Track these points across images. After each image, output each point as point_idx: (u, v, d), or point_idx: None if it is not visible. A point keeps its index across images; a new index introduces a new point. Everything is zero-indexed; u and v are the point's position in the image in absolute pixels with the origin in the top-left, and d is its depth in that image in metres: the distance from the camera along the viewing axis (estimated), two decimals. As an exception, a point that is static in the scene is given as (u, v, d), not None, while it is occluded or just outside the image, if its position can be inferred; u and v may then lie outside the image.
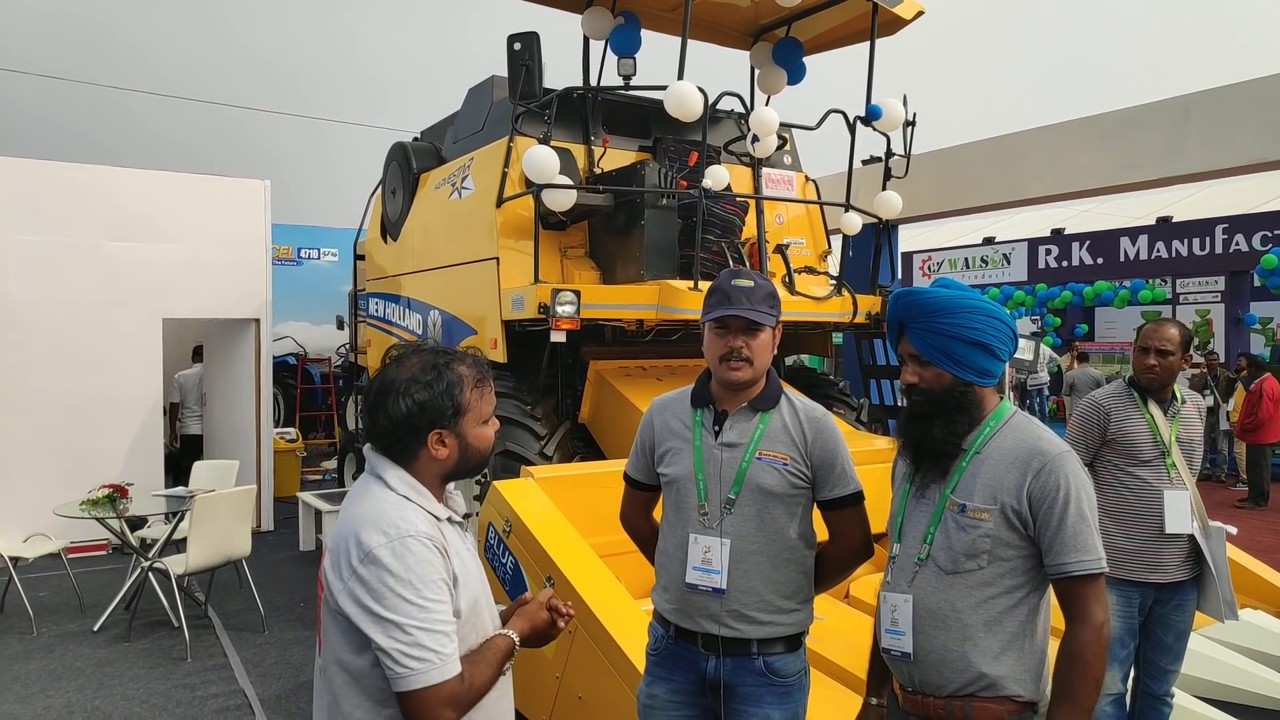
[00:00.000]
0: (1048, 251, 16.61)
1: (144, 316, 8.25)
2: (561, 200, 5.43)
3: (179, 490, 6.65)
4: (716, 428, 2.26)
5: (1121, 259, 15.17)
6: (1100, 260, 15.54)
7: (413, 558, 1.61)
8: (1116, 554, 3.36)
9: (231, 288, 8.74)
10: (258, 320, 8.87)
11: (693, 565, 2.19)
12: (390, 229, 7.77)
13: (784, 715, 2.19)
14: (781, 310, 2.28)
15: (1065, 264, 16.18)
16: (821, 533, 2.33)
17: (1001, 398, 2.04)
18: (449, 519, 1.78)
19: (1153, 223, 14.99)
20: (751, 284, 2.21)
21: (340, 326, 11.48)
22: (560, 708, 3.55)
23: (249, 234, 8.86)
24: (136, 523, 6.47)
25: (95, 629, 5.75)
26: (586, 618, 3.39)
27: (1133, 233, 15.10)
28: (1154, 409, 3.41)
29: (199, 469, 7.25)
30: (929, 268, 18.98)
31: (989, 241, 18.24)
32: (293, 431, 11.09)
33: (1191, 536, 3.33)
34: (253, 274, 8.86)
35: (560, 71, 6.23)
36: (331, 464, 11.33)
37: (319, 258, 14.10)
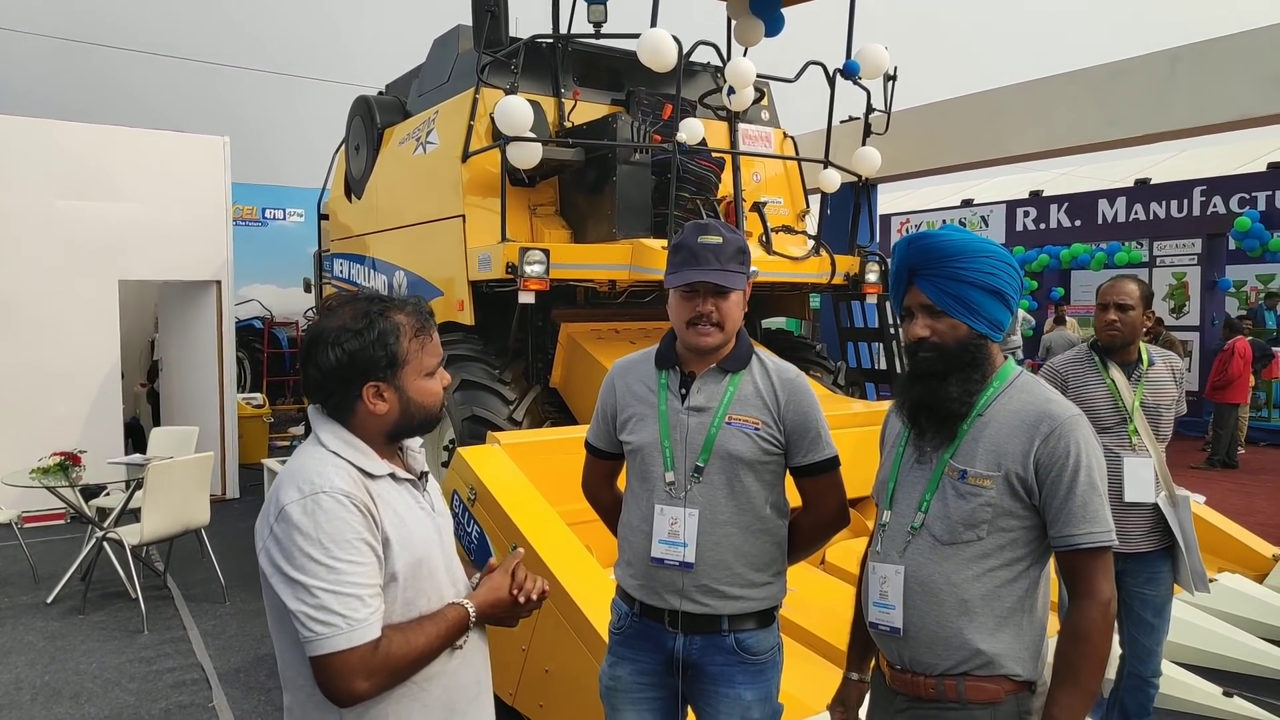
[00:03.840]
0: (1026, 214, 16.47)
1: (99, 279, 7.96)
2: (526, 156, 5.20)
3: (136, 458, 6.42)
4: (683, 391, 2.10)
5: (1100, 221, 15.06)
6: (1078, 223, 15.42)
7: (324, 515, 1.50)
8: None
9: (191, 249, 8.46)
10: (219, 282, 8.60)
11: (658, 538, 2.03)
12: (354, 187, 7.51)
13: (756, 695, 2.05)
14: (758, 270, 2.11)
15: (1043, 226, 16.06)
16: (794, 500, 2.18)
17: (1006, 357, 1.89)
18: (392, 475, 1.64)
19: (1131, 184, 14.88)
20: (720, 240, 2.02)
21: (307, 289, 11.19)
22: (526, 681, 3.43)
23: (208, 193, 8.57)
24: (94, 491, 6.25)
25: (49, 601, 5.55)
26: (553, 589, 3.25)
27: (1111, 195, 14.99)
28: (1115, 373, 3.26)
29: (157, 435, 7.03)
30: (907, 230, 18.84)
31: (967, 204, 18.09)
32: (259, 397, 10.83)
33: (1156, 506, 3.20)
34: (213, 234, 8.59)
35: (529, 21, 5.98)
36: (299, 430, 11.09)
37: (284, 218, 13.71)
